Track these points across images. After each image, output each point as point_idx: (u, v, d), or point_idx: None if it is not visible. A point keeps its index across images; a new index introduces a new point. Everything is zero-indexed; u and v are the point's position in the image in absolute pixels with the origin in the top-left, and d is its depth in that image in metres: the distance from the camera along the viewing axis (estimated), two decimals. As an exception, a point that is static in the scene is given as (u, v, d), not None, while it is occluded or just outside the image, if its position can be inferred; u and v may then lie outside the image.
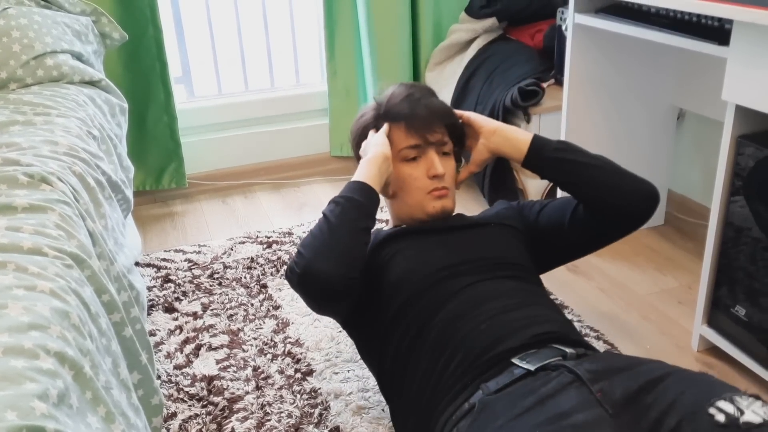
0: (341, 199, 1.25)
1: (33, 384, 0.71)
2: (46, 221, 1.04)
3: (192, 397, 1.54)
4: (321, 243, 1.19)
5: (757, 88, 1.34)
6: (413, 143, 1.34)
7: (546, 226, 1.41)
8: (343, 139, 2.78)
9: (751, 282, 1.48)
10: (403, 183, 1.36)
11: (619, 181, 1.32)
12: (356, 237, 1.22)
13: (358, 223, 1.22)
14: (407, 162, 1.36)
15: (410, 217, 1.39)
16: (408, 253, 1.29)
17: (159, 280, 2.02)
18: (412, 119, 1.34)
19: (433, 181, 1.34)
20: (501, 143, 1.37)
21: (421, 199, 1.35)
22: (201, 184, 2.68)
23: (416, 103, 1.36)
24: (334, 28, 2.61)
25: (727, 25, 1.44)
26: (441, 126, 1.35)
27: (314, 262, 1.17)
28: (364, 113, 1.45)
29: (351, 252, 1.20)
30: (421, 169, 1.35)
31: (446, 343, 1.14)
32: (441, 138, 1.36)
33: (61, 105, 1.57)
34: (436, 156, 1.35)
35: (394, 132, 1.36)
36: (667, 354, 1.67)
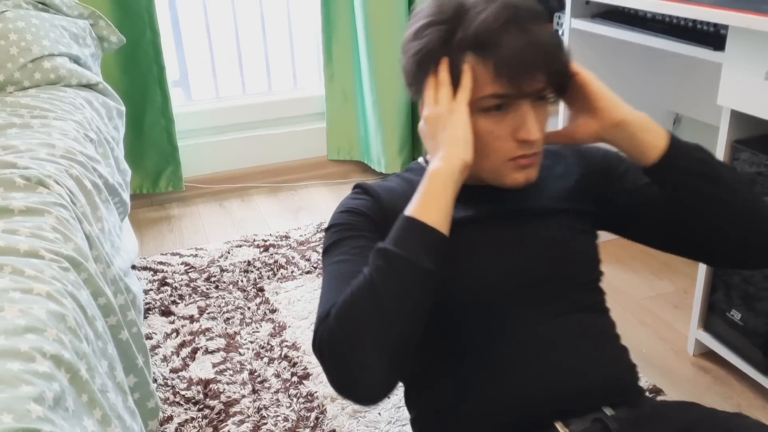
0: (400, 263, 0.84)
1: (29, 387, 0.71)
2: (43, 224, 1.04)
3: (188, 401, 1.54)
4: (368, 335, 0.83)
5: (752, 93, 1.35)
6: (500, 91, 0.89)
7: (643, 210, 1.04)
8: (341, 143, 2.79)
9: (746, 286, 1.48)
10: (479, 141, 0.92)
11: (754, 230, 0.95)
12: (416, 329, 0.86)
13: (422, 306, 0.85)
14: (487, 113, 0.91)
15: (477, 178, 0.98)
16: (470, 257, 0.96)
17: (155, 283, 2.02)
18: (506, 59, 0.87)
19: (520, 145, 0.93)
20: (622, 141, 0.95)
21: (499, 166, 0.94)
22: (198, 188, 2.68)
23: (512, 30, 0.88)
24: (331, 32, 2.61)
25: (723, 30, 1.44)
26: (545, 72, 0.90)
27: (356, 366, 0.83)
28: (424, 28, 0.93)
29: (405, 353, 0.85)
30: (507, 127, 0.92)
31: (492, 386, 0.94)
32: (543, 87, 0.91)
33: (59, 108, 1.57)
34: (531, 111, 0.91)
35: (476, 69, 0.90)
36: (663, 358, 1.68)
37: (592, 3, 1.86)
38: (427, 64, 0.94)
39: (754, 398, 1.53)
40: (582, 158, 1.08)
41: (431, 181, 0.88)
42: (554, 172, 1.07)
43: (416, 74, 0.96)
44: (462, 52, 0.90)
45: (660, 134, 0.95)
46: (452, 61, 0.92)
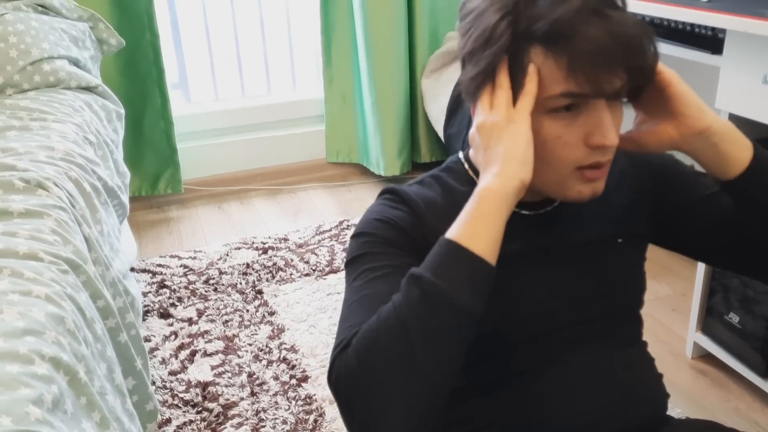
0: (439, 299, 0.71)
1: (28, 389, 0.71)
2: (42, 226, 1.04)
3: (187, 403, 1.54)
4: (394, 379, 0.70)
5: (750, 97, 1.35)
6: (575, 90, 0.74)
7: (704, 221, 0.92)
8: (340, 146, 2.79)
9: (744, 289, 1.49)
10: (542, 148, 0.78)
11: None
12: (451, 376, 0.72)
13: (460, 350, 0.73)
14: (555, 115, 0.77)
15: (534, 190, 0.82)
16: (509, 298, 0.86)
17: (154, 285, 2.02)
18: (584, 52, 0.72)
19: (593, 152, 0.78)
20: (703, 151, 0.83)
21: (564, 178, 0.80)
22: (197, 190, 2.68)
23: (594, 19, 0.72)
24: (330, 35, 2.62)
25: (720, 34, 1.45)
26: (625, 69, 0.75)
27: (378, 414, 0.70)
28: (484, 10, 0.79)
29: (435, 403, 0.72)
30: (578, 132, 0.77)
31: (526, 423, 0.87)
32: (623, 85, 0.76)
33: (58, 110, 1.57)
34: (607, 112, 0.77)
35: (542, 63, 0.75)
36: (662, 361, 1.67)
37: (591, 6, 1.87)
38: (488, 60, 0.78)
39: (753, 401, 1.53)
40: (636, 166, 0.95)
41: (482, 202, 0.74)
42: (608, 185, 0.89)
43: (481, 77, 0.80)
44: (527, 45, 0.75)
45: (745, 145, 0.83)
46: (514, 57, 0.77)
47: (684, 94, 0.82)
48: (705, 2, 1.46)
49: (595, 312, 0.89)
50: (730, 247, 0.91)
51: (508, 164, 0.75)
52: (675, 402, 1.54)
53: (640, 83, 0.79)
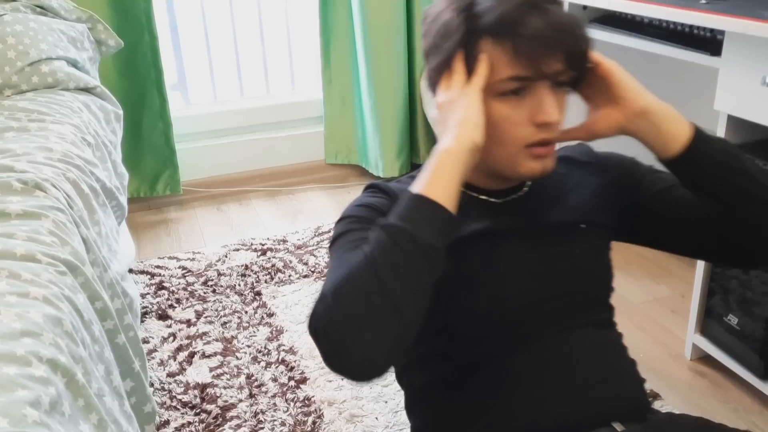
0: (402, 236, 0.80)
1: (25, 391, 0.71)
2: (40, 228, 1.04)
3: (185, 405, 1.54)
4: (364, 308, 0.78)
5: (749, 99, 1.35)
6: (520, 74, 0.86)
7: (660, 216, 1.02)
8: (339, 147, 2.79)
9: (743, 291, 1.49)
10: (494, 128, 0.89)
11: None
12: (416, 305, 0.80)
13: (423, 281, 0.80)
14: (504, 98, 0.88)
15: (490, 170, 0.95)
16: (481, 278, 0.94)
17: (152, 287, 2.02)
18: (524, 38, 0.85)
19: (538, 129, 0.89)
20: (646, 130, 0.92)
21: (515, 154, 0.90)
22: (196, 191, 2.68)
23: (531, 8, 0.85)
24: (329, 36, 2.62)
25: (719, 35, 1.45)
26: (563, 52, 0.87)
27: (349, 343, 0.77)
28: (441, 12, 0.92)
29: (403, 331, 0.79)
30: (524, 112, 0.88)
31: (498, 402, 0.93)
32: (560, 68, 0.87)
33: (56, 111, 1.57)
34: (549, 94, 0.88)
35: (492, 53, 0.87)
36: (661, 362, 1.68)
37: (590, 8, 1.87)
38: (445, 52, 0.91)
39: (752, 403, 1.53)
40: (598, 166, 1.05)
41: (440, 159, 0.84)
42: (571, 180, 1.03)
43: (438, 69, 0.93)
44: (479, 38, 0.87)
45: (684, 125, 0.92)
46: (468, 48, 0.88)
47: (623, 79, 0.93)
48: (704, 4, 1.46)
49: (563, 289, 0.95)
50: (695, 234, 0.99)
51: (462, 128, 0.85)
52: (673, 403, 1.54)
53: (577, 67, 0.90)
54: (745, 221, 0.93)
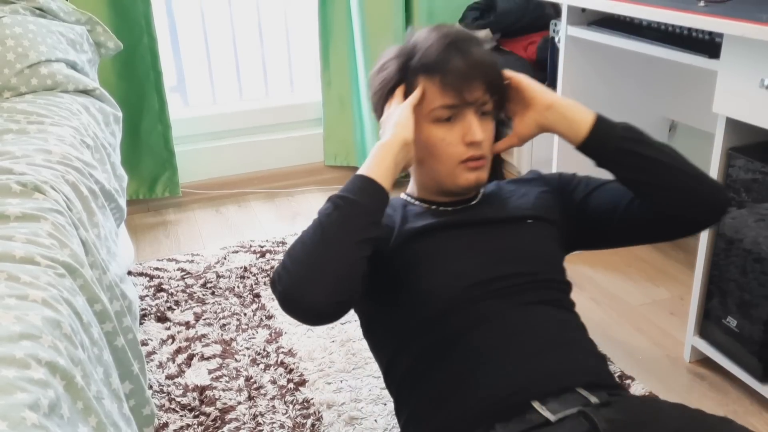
0: (341, 201, 1.01)
1: (24, 394, 0.71)
2: (39, 230, 1.04)
3: (184, 408, 1.54)
4: (311, 259, 0.98)
5: (747, 101, 1.36)
6: (448, 102, 1.10)
7: (594, 212, 1.21)
8: (337, 149, 2.79)
9: (742, 293, 1.49)
10: (433, 148, 1.12)
11: (689, 184, 1.11)
12: (353, 253, 0.99)
13: (358, 234, 0.99)
14: (439, 123, 1.11)
15: (437, 186, 1.18)
16: (439, 259, 1.10)
17: (151, 289, 2.02)
18: (449, 73, 1.09)
19: (468, 148, 1.11)
20: (557, 121, 1.14)
21: (452, 169, 1.13)
22: (194, 193, 2.68)
23: (453, 51, 1.10)
24: (328, 39, 2.62)
25: (718, 38, 1.45)
26: (483, 82, 1.10)
27: (298, 283, 0.96)
28: (386, 63, 1.17)
29: (345, 275, 0.98)
30: (456, 134, 1.11)
31: (468, 376, 1.03)
32: (482, 96, 1.11)
33: (55, 114, 1.57)
34: (474, 118, 1.11)
35: (426, 87, 1.11)
36: (659, 365, 1.68)
37: (589, 11, 1.87)
38: (387, 88, 1.16)
39: (750, 405, 1.53)
40: (542, 180, 1.27)
41: (378, 150, 1.07)
42: (518, 192, 1.24)
43: (380, 100, 1.18)
44: (415, 76, 1.13)
45: (588, 112, 1.14)
46: (407, 85, 1.14)
47: (530, 84, 1.16)
48: (702, 6, 1.46)
49: (512, 269, 1.10)
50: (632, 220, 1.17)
51: (396, 128, 1.08)
52: (673, 406, 1.54)
53: (495, 91, 1.13)
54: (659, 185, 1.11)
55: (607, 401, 0.97)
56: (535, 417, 0.95)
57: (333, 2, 2.56)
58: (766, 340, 1.45)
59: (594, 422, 0.91)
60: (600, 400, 0.96)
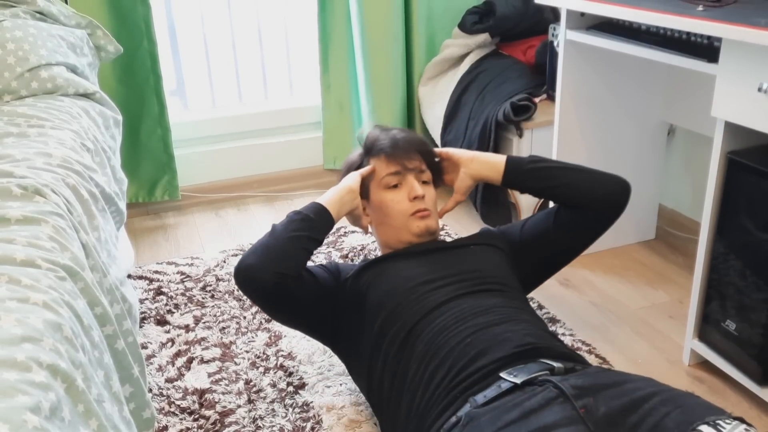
0: (293, 214, 1.38)
1: (25, 397, 0.71)
2: (40, 233, 1.04)
3: (183, 411, 1.53)
4: (260, 244, 1.34)
5: (746, 105, 1.36)
6: (393, 170, 1.46)
7: (532, 237, 1.52)
8: (337, 153, 2.79)
9: (741, 297, 1.49)
10: (387, 208, 1.46)
11: (591, 177, 1.48)
12: (294, 242, 1.33)
13: (300, 232, 1.34)
14: (389, 189, 1.47)
15: (397, 239, 1.48)
16: (388, 273, 1.37)
17: (151, 292, 2.02)
18: (391, 149, 1.47)
19: (414, 203, 1.45)
20: (480, 168, 1.49)
21: (405, 222, 1.45)
22: (194, 197, 2.68)
23: (394, 136, 1.50)
24: (328, 43, 2.62)
25: (716, 42, 1.46)
26: (418, 154, 1.48)
27: (247, 258, 1.32)
28: (352, 155, 1.57)
29: (285, 252, 1.31)
30: (403, 194, 1.46)
31: (433, 356, 1.18)
32: (419, 165, 1.48)
33: (56, 117, 1.57)
34: (415, 181, 1.47)
35: (377, 164, 1.48)
36: (659, 368, 1.68)
37: (588, 15, 1.88)
38: (351, 169, 1.52)
39: (749, 408, 1.53)
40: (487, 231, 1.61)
41: (330, 190, 1.46)
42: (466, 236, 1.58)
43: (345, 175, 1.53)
44: (368, 159, 1.51)
45: (501, 156, 1.50)
46: (363, 166, 1.51)
47: (455, 152, 1.54)
48: (701, 11, 1.47)
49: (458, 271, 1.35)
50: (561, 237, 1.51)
51: (345, 180, 1.49)
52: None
53: (429, 162, 1.51)
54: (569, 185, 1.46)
55: (572, 368, 1.10)
56: (504, 384, 1.06)
57: (332, 7, 2.57)
58: (765, 344, 1.45)
59: (562, 389, 0.99)
60: (564, 367, 1.09)
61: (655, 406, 0.95)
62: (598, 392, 0.99)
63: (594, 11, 1.74)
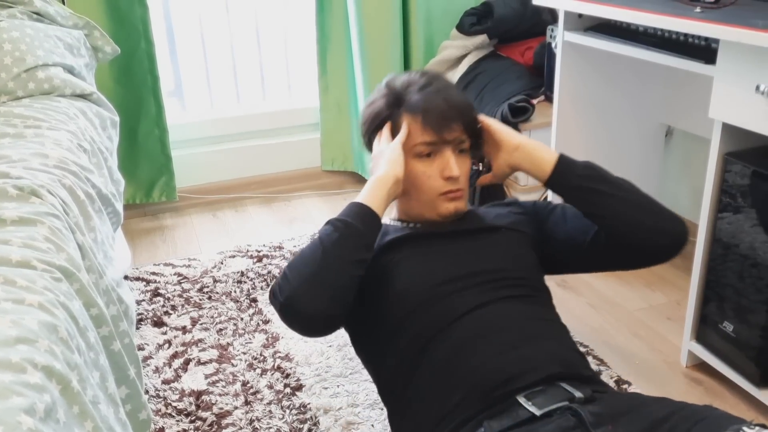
0: (340, 224, 1.14)
1: (20, 398, 0.71)
2: (36, 234, 1.04)
3: (180, 412, 1.53)
4: (310, 272, 1.10)
5: (743, 107, 1.36)
6: (429, 140, 1.22)
7: (564, 240, 1.31)
8: (335, 154, 2.79)
9: (738, 298, 1.49)
10: (415, 180, 1.24)
11: (646, 218, 1.21)
12: (349, 270, 1.11)
13: (354, 254, 1.12)
14: (421, 158, 1.24)
15: (419, 214, 1.29)
16: (412, 261, 1.20)
17: (148, 293, 2.01)
18: (430, 114, 1.22)
19: (447, 182, 1.23)
20: (523, 161, 1.26)
21: (432, 200, 1.25)
22: (191, 198, 2.67)
23: (435, 95, 1.23)
24: (326, 44, 2.62)
25: (714, 44, 1.46)
26: (460, 123, 1.23)
27: (298, 295, 1.09)
28: (375, 100, 1.30)
29: (340, 288, 1.10)
30: (435, 168, 1.23)
31: (453, 372, 1.08)
32: (459, 136, 1.24)
33: (52, 118, 1.57)
34: (452, 156, 1.23)
35: (409, 124, 1.24)
36: (656, 370, 1.68)
37: (585, 16, 1.88)
38: (375, 122, 1.28)
39: (747, 410, 1.53)
40: (516, 205, 1.39)
41: (371, 183, 1.20)
42: (492, 212, 1.36)
43: (369, 130, 1.31)
44: (400, 114, 1.25)
45: (552, 152, 1.26)
46: (393, 121, 1.26)
47: (498, 128, 1.29)
48: (698, 13, 1.47)
49: (484, 266, 1.18)
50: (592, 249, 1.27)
51: (389, 165, 1.21)
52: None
53: (471, 133, 1.26)
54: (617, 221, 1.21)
55: (591, 396, 1.01)
56: (522, 412, 0.98)
57: (330, 8, 2.57)
58: (763, 345, 1.45)
59: (581, 416, 0.94)
60: (584, 395, 1.00)
61: (676, 424, 0.91)
62: (617, 419, 0.94)
63: (592, 12, 1.74)
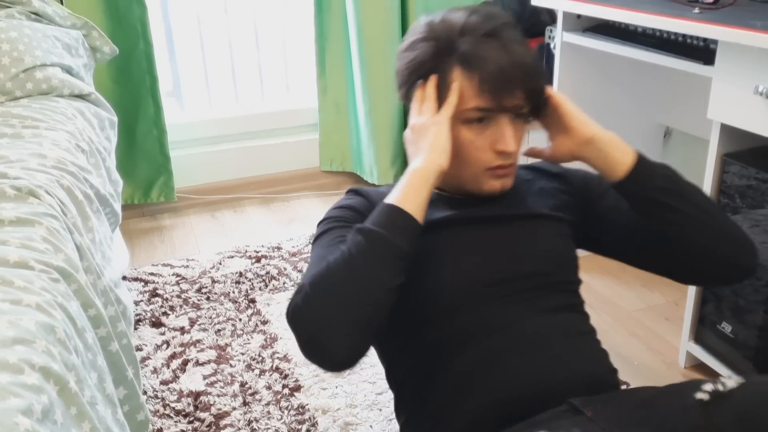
0: (377, 239, 0.91)
1: (17, 399, 0.71)
2: (33, 235, 1.04)
3: (178, 413, 1.53)
4: (339, 301, 0.88)
5: (742, 107, 1.36)
6: (483, 105, 0.99)
7: (615, 230, 1.12)
8: (333, 154, 2.79)
9: (736, 299, 1.49)
10: (460, 149, 1.01)
11: (721, 249, 1.02)
12: (386, 300, 0.90)
13: (390, 280, 0.90)
14: (470, 124, 1.01)
15: (457, 186, 1.08)
16: (451, 253, 1.03)
17: (146, 294, 2.01)
18: (489, 74, 0.97)
19: (498, 156, 1.02)
20: (594, 157, 1.04)
21: (477, 174, 1.04)
22: (190, 198, 2.67)
23: (497, 50, 0.98)
24: (324, 44, 2.62)
25: (712, 45, 1.46)
26: (523, 89, 1.00)
27: (328, 335, 0.87)
28: (417, 42, 1.03)
29: (373, 323, 0.89)
30: (486, 138, 1.01)
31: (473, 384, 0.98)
32: (520, 102, 1.00)
33: (50, 118, 1.57)
34: (509, 126, 1.00)
35: (461, 81, 0.99)
36: (654, 370, 1.68)
37: (584, 17, 1.88)
38: (417, 73, 1.03)
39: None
40: (562, 179, 1.16)
41: (411, 177, 0.96)
42: (535, 186, 1.15)
43: (407, 81, 1.05)
44: (450, 66, 1.00)
45: (628, 151, 1.02)
46: (440, 75, 1.01)
47: (571, 111, 1.04)
48: (697, 13, 1.47)
49: (525, 268, 1.02)
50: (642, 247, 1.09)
51: (432, 153, 0.97)
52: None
53: (535, 101, 1.02)
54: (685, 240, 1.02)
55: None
56: None
57: (329, 8, 2.57)
58: (761, 346, 1.45)
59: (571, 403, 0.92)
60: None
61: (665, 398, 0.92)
62: (608, 400, 0.93)
63: (590, 13, 1.74)
